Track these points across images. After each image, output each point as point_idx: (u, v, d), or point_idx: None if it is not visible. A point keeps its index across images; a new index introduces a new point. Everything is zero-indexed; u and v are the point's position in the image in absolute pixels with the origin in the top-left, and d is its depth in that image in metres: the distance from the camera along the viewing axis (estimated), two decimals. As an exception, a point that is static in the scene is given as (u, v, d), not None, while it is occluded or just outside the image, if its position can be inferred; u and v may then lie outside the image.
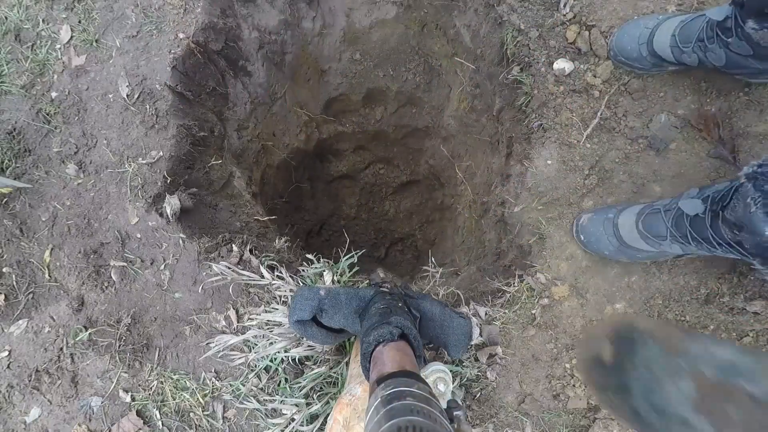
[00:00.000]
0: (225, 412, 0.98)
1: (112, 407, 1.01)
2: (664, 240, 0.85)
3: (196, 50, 1.22)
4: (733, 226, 0.67)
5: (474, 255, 1.45)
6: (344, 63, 1.85)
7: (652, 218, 0.88)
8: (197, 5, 1.22)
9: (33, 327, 1.07)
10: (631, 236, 0.92)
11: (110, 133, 1.14)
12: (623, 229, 0.93)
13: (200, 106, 1.28)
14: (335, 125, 2.09)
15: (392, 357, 0.65)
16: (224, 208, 1.24)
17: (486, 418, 0.97)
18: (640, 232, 0.90)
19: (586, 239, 0.99)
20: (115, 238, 1.08)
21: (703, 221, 0.75)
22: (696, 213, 0.77)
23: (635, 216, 0.92)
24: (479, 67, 1.45)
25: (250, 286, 1.03)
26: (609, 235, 0.95)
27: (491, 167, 1.45)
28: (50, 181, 1.13)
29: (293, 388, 0.96)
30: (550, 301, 1.01)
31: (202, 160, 1.24)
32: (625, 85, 1.06)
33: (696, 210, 0.77)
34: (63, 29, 1.21)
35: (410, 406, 0.50)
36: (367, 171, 2.38)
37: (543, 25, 1.13)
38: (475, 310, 1.02)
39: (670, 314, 0.97)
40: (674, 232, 0.82)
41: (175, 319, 1.03)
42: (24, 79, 1.18)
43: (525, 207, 1.11)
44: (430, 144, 2.10)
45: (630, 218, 0.93)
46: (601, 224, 0.97)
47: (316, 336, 0.87)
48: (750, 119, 0.99)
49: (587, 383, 0.94)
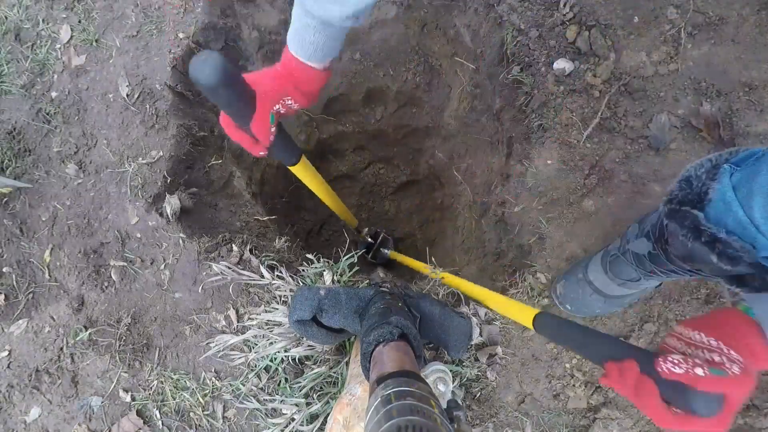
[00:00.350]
0: (225, 412, 0.98)
1: (112, 407, 1.01)
2: (638, 280, 0.82)
3: (196, 50, 1.22)
4: (684, 259, 0.64)
5: (474, 255, 1.45)
6: (344, 63, 1.85)
7: (616, 264, 0.85)
8: (197, 5, 1.22)
9: (33, 327, 1.06)
10: (609, 287, 0.89)
11: (110, 132, 1.14)
12: (598, 282, 0.90)
13: (200, 106, 1.28)
14: (335, 125, 2.09)
15: (392, 357, 0.65)
16: (224, 207, 1.24)
17: (486, 418, 0.97)
18: (613, 280, 0.87)
19: (573, 307, 0.96)
20: (115, 238, 1.08)
21: (658, 256, 0.72)
22: (648, 250, 0.74)
23: (600, 267, 0.89)
24: (479, 67, 1.45)
25: (250, 286, 1.03)
26: (590, 294, 0.92)
27: (491, 167, 1.45)
28: (50, 181, 1.13)
29: (293, 388, 0.96)
30: (550, 301, 1.01)
31: (202, 159, 1.24)
32: (625, 85, 1.06)
33: (646, 248, 0.74)
34: (63, 29, 1.20)
35: (410, 406, 0.50)
36: (367, 171, 2.38)
37: (543, 25, 1.13)
38: (475, 310, 1.02)
39: (670, 314, 0.97)
40: (642, 271, 0.79)
41: (175, 318, 1.03)
42: (24, 78, 1.18)
43: (525, 207, 1.11)
44: (430, 144, 2.10)
45: (597, 271, 0.90)
46: (577, 287, 0.94)
47: (316, 336, 0.87)
48: (750, 119, 0.99)
49: None
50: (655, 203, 1.01)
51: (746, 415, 0.90)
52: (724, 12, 1.05)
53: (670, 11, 1.07)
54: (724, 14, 1.04)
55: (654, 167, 1.02)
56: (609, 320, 0.99)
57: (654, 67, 1.06)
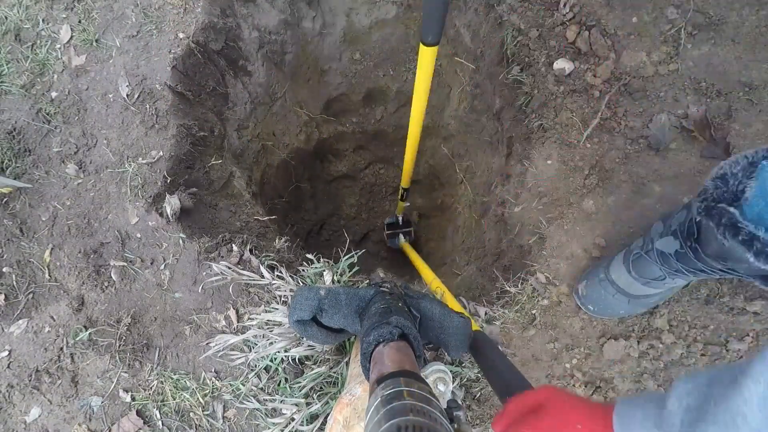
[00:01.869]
0: (225, 412, 0.98)
1: (112, 407, 1.01)
2: (663, 279, 0.80)
3: (196, 50, 1.22)
4: (718, 258, 0.63)
5: (474, 255, 1.45)
6: (344, 63, 1.85)
7: (639, 263, 0.83)
8: (197, 5, 1.22)
9: (33, 327, 1.06)
10: (633, 287, 0.87)
11: (110, 132, 1.14)
12: (621, 282, 0.88)
13: (200, 106, 1.28)
14: (335, 125, 2.09)
15: (392, 357, 0.65)
16: (224, 207, 1.24)
17: (486, 418, 0.97)
18: (637, 279, 0.85)
19: (596, 308, 0.94)
20: (115, 238, 1.08)
21: (686, 255, 0.70)
22: (675, 249, 0.72)
23: (623, 266, 0.87)
24: (479, 67, 1.45)
25: (250, 286, 1.03)
26: (613, 294, 0.90)
27: (491, 167, 1.45)
28: (50, 181, 1.13)
29: (293, 388, 0.96)
30: (550, 301, 1.01)
31: (202, 159, 1.24)
32: (625, 85, 1.06)
33: (673, 247, 0.73)
34: (63, 29, 1.20)
35: (410, 405, 0.50)
36: (367, 171, 2.38)
37: (543, 25, 1.13)
38: (475, 310, 1.02)
39: (670, 314, 0.97)
40: (668, 270, 0.77)
41: (175, 318, 1.03)
42: (24, 78, 1.18)
43: (525, 207, 1.11)
44: (430, 144, 2.10)
45: (620, 270, 0.88)
46: (599, 287, 0.92)
47: (316, 336, 0.87)
48: (749, 118, 0.99)
49: None
50: (655, 203, 1.01)
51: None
52: (724, 12, 1.05)
53: (670, 11, 1.07)
54: (724, 14, 1.04)
55: (654, 167, 1.02)
56: (610, 321, 0.99)
57: (654, 67, 1.06)
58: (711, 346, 0.94)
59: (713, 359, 0.94)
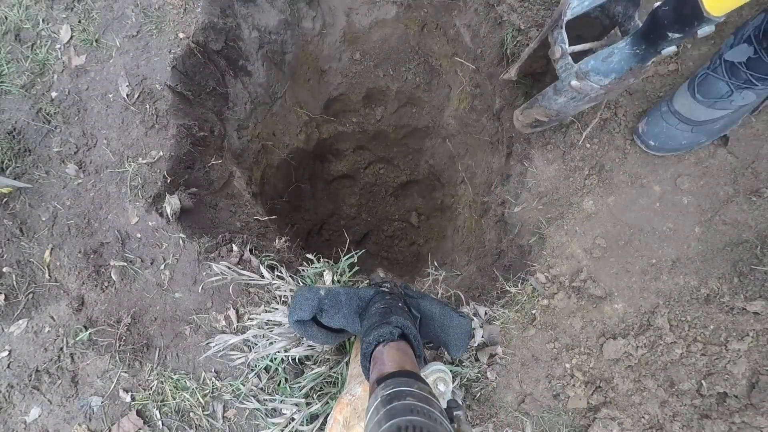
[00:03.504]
0: (225, 412, 0.98)
1: (112, 407, 1.01)
2: (730, 95, 0.81)
3: (196, 50, 1.22)
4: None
5: (474, 255, 1.45)
6: (344, 63, 1.85)
7: (706, 84, 0.83)
8: (197, 5, 1.22)
9: (33, 327, 1.06)
10: (697, 112, 0.86)
11: (110, 133, 1.14)
12: (684, 110, 0.87)
13: (200, 106, 1.28)
14: (335, 125, 2.09)
15: (392, 357, 0.65)
16: (224, 207, 1.24)
17: (486, 417, 0.97)
18: (702, 102, 0.84)
19: (657, 142, 0.92)
20: (115, 238, 1.08)
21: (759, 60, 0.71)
22: (747, 56, 0.74)
23: (688, 92, 0.87)
24: (479, 67, 1.45)
25: (250, 286, 1.03)
26: (676, 125, 0.89)
27: (491, 167, 1.45)
28: (50, 181, 1.13)
29: (293, 388, 0.96)
30: (550, 301, 1.01)
31: (202, 160, 1.24)
32: (625, 85, 1.06)
33: (746, 54, 0.74)
34: (63, 29, 1.20)
35: (410, 405, 0.50)
36: (367, 171, 2.38)
37: (543, 25, 1.13)
38: (475, 310, 1.02)
39: (670, 314, 0.97)
40: (736, 83, 0.78)
41: (175, 318, 1.03)
42: (24, 79, 1.18)
43: (525, 207, 1.11)
44: (430, 144, 2.10)
45: (684, 97, 0.87)
46: (661, 121, 0.91)
47: (316, 336, 0.87)
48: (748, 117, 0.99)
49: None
50: (655, 203, 1.01)
51: (744, 414, 0.90)
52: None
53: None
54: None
55: (654, 167, 1.02)
56: (605, 316, 0.98)
57: (654, 67, 1.06)
58: (711, 346, 0.94)
59: (713, 359, 0.94)
